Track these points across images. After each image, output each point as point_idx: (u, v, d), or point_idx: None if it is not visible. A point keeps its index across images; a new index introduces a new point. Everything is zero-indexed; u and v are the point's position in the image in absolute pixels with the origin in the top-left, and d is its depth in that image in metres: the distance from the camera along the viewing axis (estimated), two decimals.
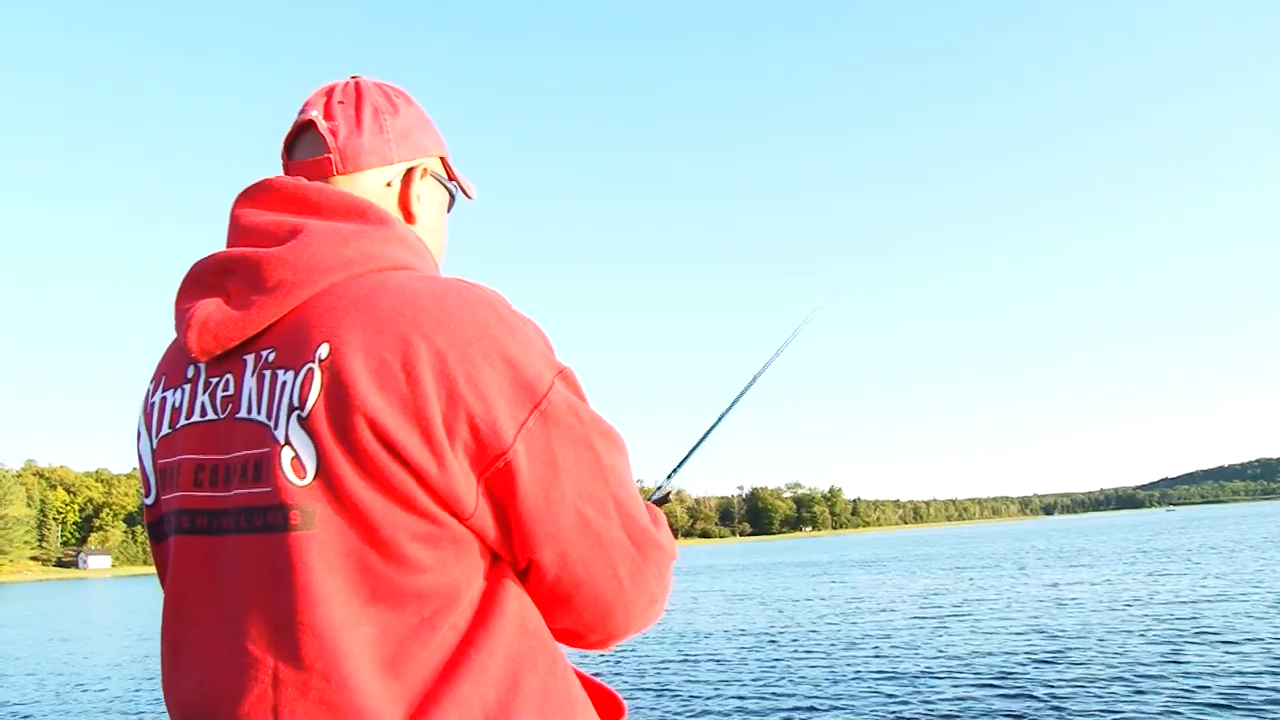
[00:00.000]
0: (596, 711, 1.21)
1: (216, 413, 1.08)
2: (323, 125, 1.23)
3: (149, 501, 1.17)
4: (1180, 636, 13.82)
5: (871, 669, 12.66)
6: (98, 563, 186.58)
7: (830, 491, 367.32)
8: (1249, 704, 9.09)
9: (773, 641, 16.84)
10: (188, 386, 1.13)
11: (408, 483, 0.97)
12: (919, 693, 10.68)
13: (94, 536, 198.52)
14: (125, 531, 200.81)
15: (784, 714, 10.10)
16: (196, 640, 1.06)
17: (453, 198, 1.40)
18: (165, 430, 1.14)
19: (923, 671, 12.17)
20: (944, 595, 25.07)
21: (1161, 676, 10.57)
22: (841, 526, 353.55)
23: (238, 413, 1.05)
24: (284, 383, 1.01)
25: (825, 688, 11.46)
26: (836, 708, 10.20)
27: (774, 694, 11.32)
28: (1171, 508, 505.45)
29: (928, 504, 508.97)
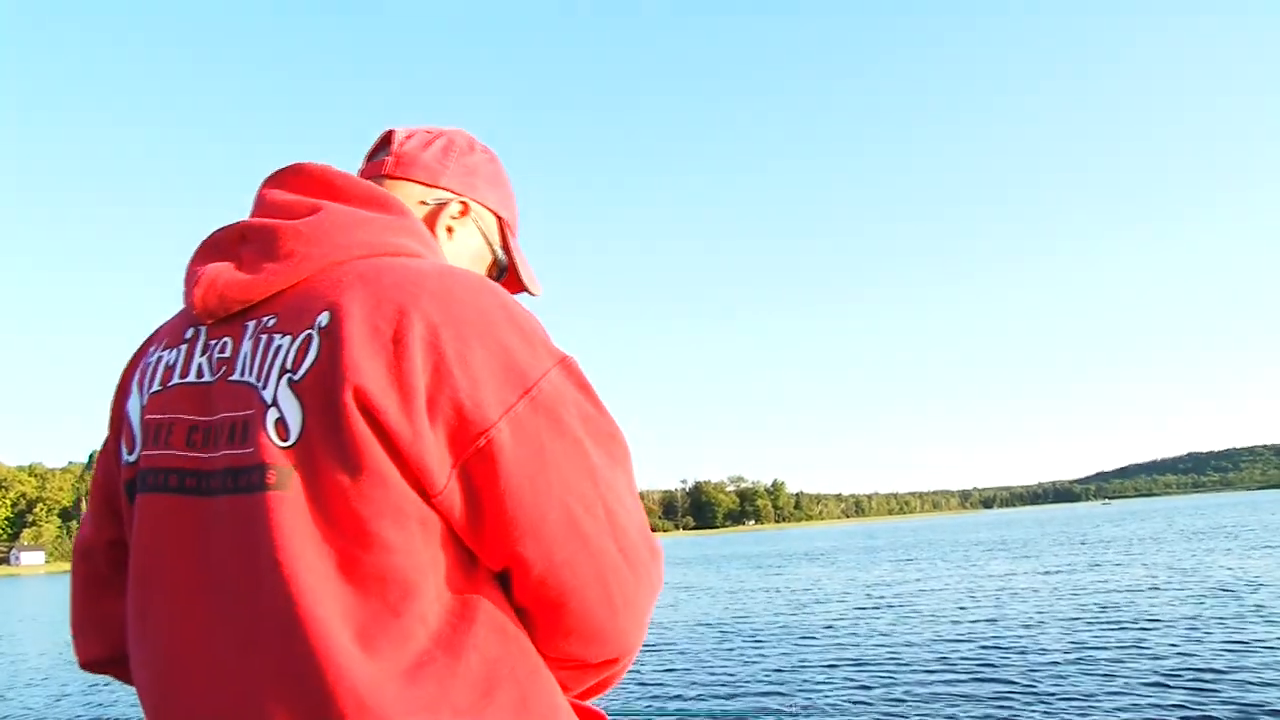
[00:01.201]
0: None
1: (211, 374, 1.07)
2: (399, 135, 1.29)
3: (130, 459, 1.12)
4: (1121, 622, 14.09)
5: (826, 658, 12.61)
6: (30, 559, 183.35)
7: (773, 485, 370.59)
8: (1184, 682, 9.32)
9: (726, 633, 16.74)
10: (184, 346, 1.12)
11: (381, 452, 0.94)
12: (880, 680, 10.62)
13: (27, 532, 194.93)
14: (60, 527, 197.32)
15: (747, 700, 9.99)
16: (169, 601, 1.03)
17: (497, 265, 1.38)
18: (156, 387, 1.12)
19: (886, 659, 12.13)
20: (898, 585, 25.27)
21: (1115, 661, 10.67)
22: (785, 520, 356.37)
23: (230, 375, 1.04)
24: (279, 346, 1.01)
25: (785, 676, 11.38)
26: (796, 693, 10.12)
27: (732, 683, 11.20)
28: (1107, 501, 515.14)
29: (869, 497, 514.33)
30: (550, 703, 1.05)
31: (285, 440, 0.97)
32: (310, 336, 0.98)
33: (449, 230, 1.29)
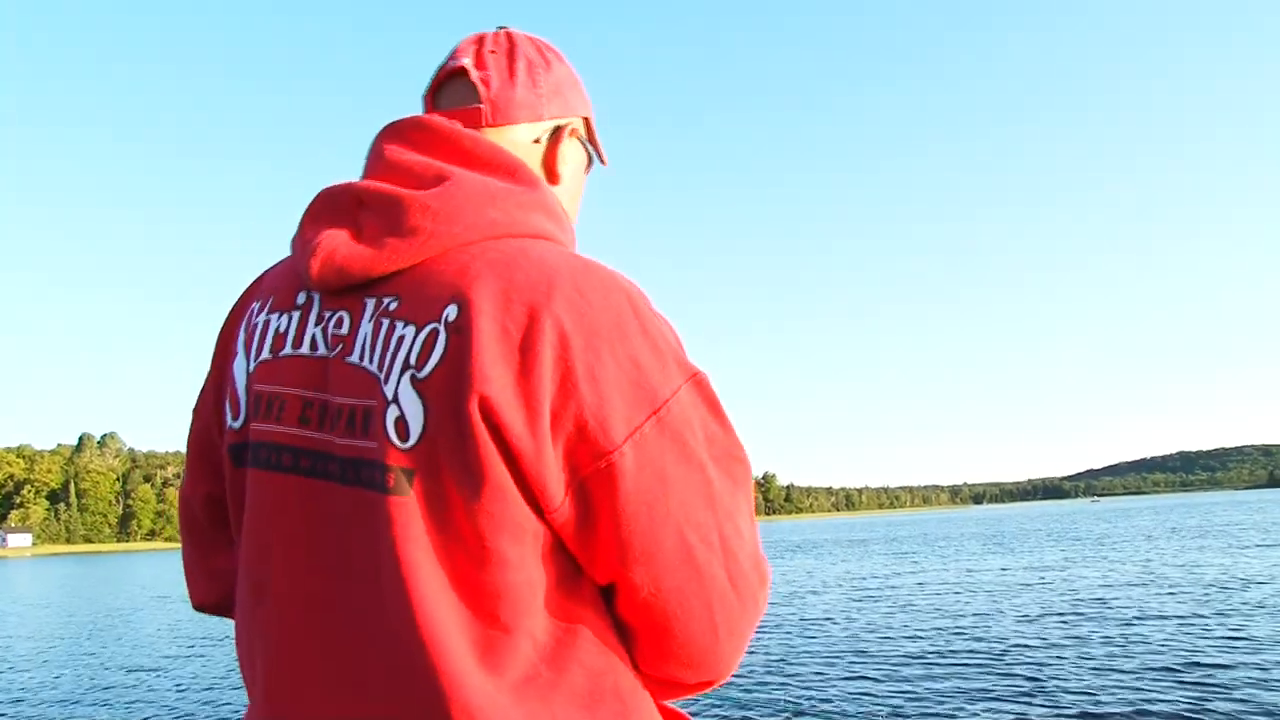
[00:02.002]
0: None
1: (327, 349, 1.03)
2: (475, 74, 1.17)
3: (236, 425, 1.10)
4: (1109, 617, 14.14)
5: (823, 649, 12.60)
6: (18, 541, 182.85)
7: (764, 477, 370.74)
8: (1173, 676, 9.30)
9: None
10: (297, 314, 1.08)
11: (501, 465, 0.91)
12: (877, 672, 10.61)
13: (14, 514, 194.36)
14: (48, 509, 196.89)
15: (743, 691, 9.96)
16: (287, 585, 1.02)
17: (591, 161, 1.34)
18: (266, 355, 1.09)
19: (881, 651, 12.13)
20: (892, 578, 25.26)
21: (1103, 654, 10.68)
22: (775, 512, 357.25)
23: (348, 355, 1.00)
24: (402, 336, 0.96)
25: (785, 668, 11.35)
26: (787, 684, 10.09)
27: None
28: (1096, 498, 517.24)
29: (860, 491, 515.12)
30: (649, 718, 1.04)
31: (405, 441, 0.93)
32: (436, 331, 0.94)
33: (564, 158, 1.23)
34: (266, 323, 1.11)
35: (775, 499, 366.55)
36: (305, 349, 1.05)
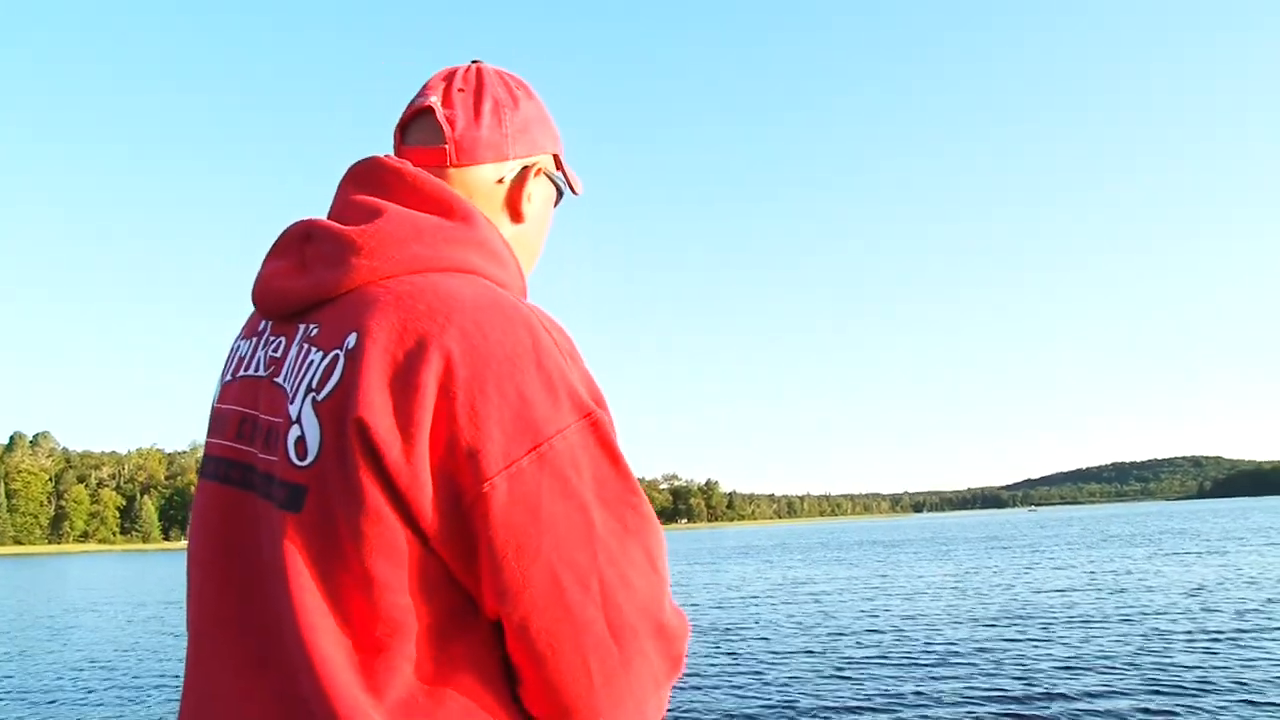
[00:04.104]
0: None
1: (264, 370, 1.09)
2: (441, 113, 1.19)
3: (207, 439, 1.18)
4: (1074, 617, 14.19)
5: (773, 651, 12.59)
6: None
7: (707, 484, 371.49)
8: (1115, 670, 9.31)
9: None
10: (255, 339, 1.14)
11: (379, 490, 0.93)
12: (833, 676, 10.60)
13: None
14: None
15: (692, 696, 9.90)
16: (203, 581, 1.08)
17: (561, 193, 1.36)
18: (229, 377, 1.17)
19: (862, 659, 12.12)
20: (837, 583, 25.32)
21: (1052, 654, 10.75)
22: (718, 519, 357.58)
23: (275, 376, 1.06)
24: (312, 361, 1.00)
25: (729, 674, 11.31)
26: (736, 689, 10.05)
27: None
28: (1033, 508, 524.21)
29: (801, 499, 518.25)
30: None
31: (303, 460, 0.96)
32: (338, 357, 0.97)
33: (529, 197, 1.26)
34: (236, 348, 1.18)
35: (718, 505, 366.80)
36: (251, 370, 1.12)
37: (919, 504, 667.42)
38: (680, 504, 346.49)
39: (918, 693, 10.03)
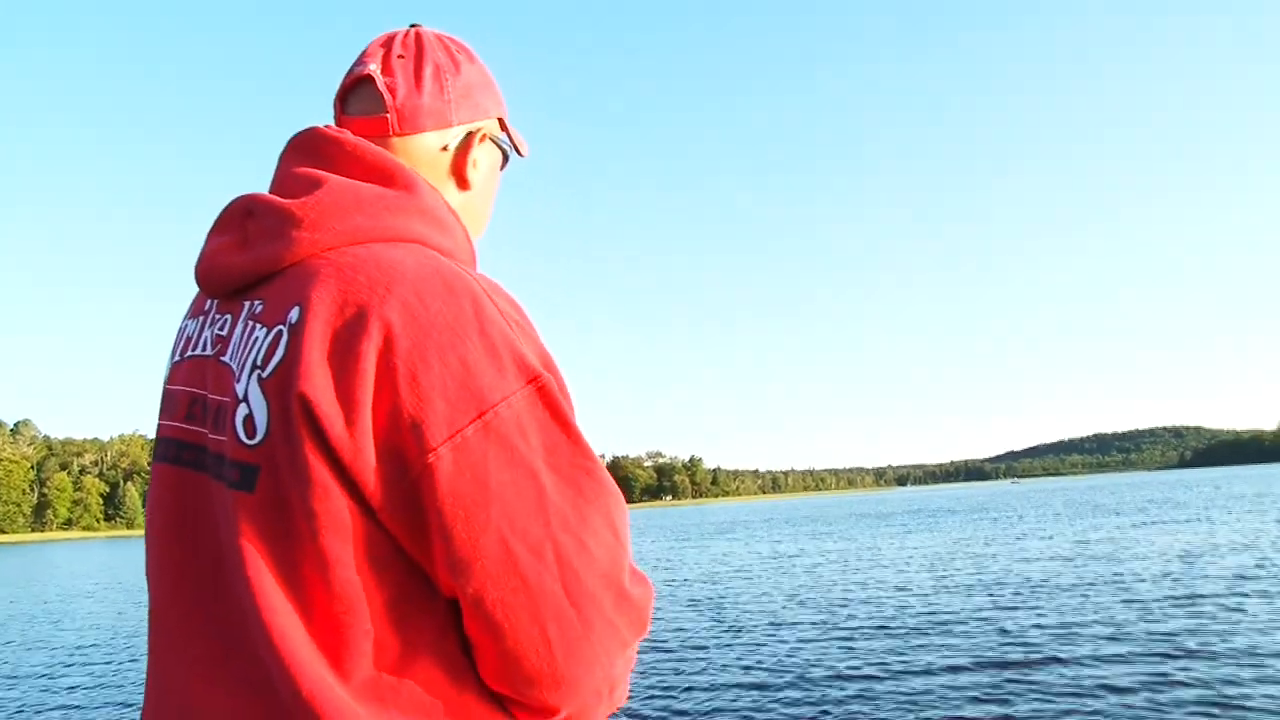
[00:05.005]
0: None
1: (211, 350, 1.07)
2: (381, 81, 1.16)
3: (158, 421, 1.16)
4: (1054, 591, 14.21)
5: (769, 626, 12.62)
6: None
7: (691, 461, 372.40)
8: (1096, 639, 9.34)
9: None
10: (202, 318, 1.12)
11: (324, 466, 0.91)
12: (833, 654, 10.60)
13: None
14: None
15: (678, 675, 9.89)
16: (160, 565, 1.06)
17: (506, 157, 1.33)
18: (177, 357, 1.14)
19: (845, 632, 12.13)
20: (826, 556, 25.38)
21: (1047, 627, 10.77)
22: (702, 496, 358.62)
23: (223, 355, 1.04)
24: (256, 338, 0.98)
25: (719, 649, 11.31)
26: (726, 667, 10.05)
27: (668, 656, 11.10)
28: (1016, 480, 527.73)
29: (786, 474, 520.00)
30: None
31: (252, 439, 0.95)
32: (281, 332, 0.96)
33: (474, 164, 1.23)
34: (184, 328, 1.16)
35: (702, 482, 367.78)
36: (199, 350, 1.09)
37: (902, 477, 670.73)
38: (664, 481, 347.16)
39: (914, 659, 10.04)
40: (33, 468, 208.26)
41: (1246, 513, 32.45)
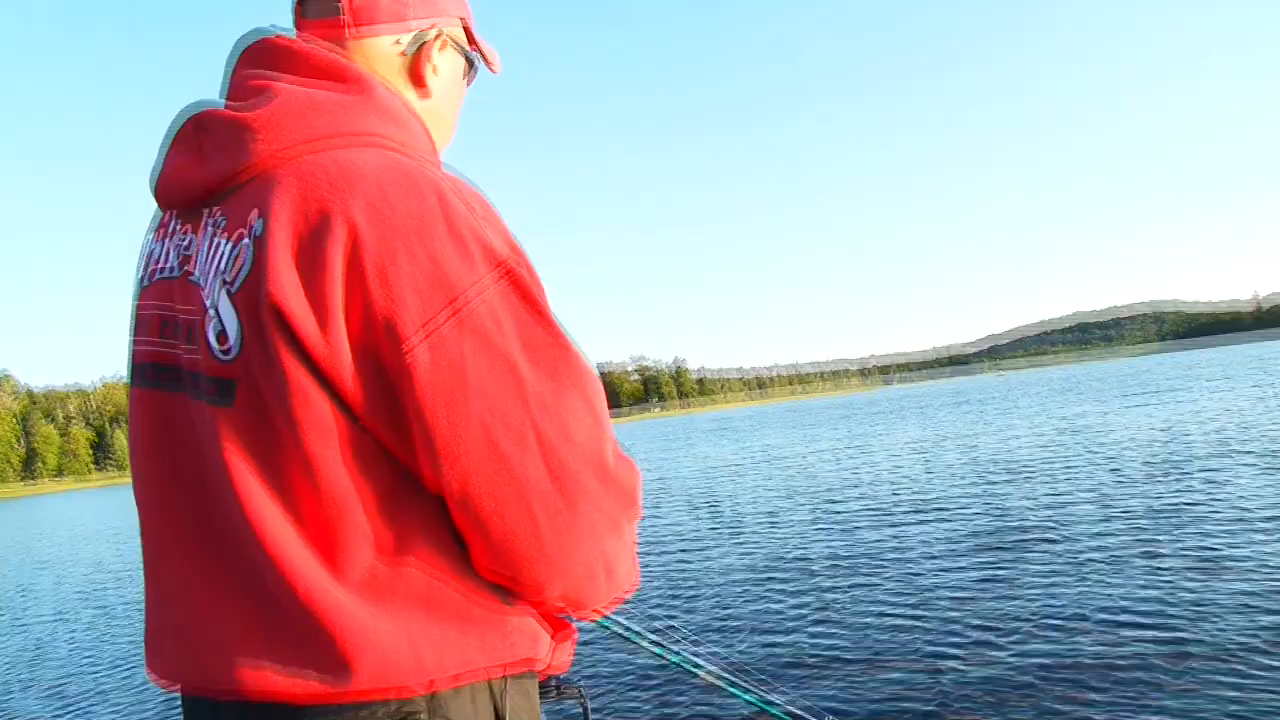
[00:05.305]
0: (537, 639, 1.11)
1: (177, 266, 1.06)
2: None
3: (129, 342, 1.15)
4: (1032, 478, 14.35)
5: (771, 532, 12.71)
6: None
7: (676, 369, 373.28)
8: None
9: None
10: (166, 239, 1.11)
11: (303, 370, 0.92)
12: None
13: None
14: None
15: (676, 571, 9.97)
16: (152, 497, 1.07)
17: (472, 66, 1.29)
18: (146, 280, 1.13)
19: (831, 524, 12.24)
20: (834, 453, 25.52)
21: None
22: (690, 403, 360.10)
23: (190, 273, 1.03)
24: (222, 252, 0.98)
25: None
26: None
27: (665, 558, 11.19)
28: (1001, 372, 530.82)
29: (771, 377, 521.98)
30: (493, 613, 1.04)
31: (227, 354, 0.95)
32: (246, 244, 0.95)
33: (434, 68, 1.20)
34: (150, 250, 1.14)
35: (689, 390, 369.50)
36: (166, 268, 1.08)
37: (886, 368, 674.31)
38: (651, 389, 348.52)
39: (911, 543, 10.14)
40: (17, 421, 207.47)
41: (1224, 391, 32.72)
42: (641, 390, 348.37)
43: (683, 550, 11.68)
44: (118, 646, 10.10)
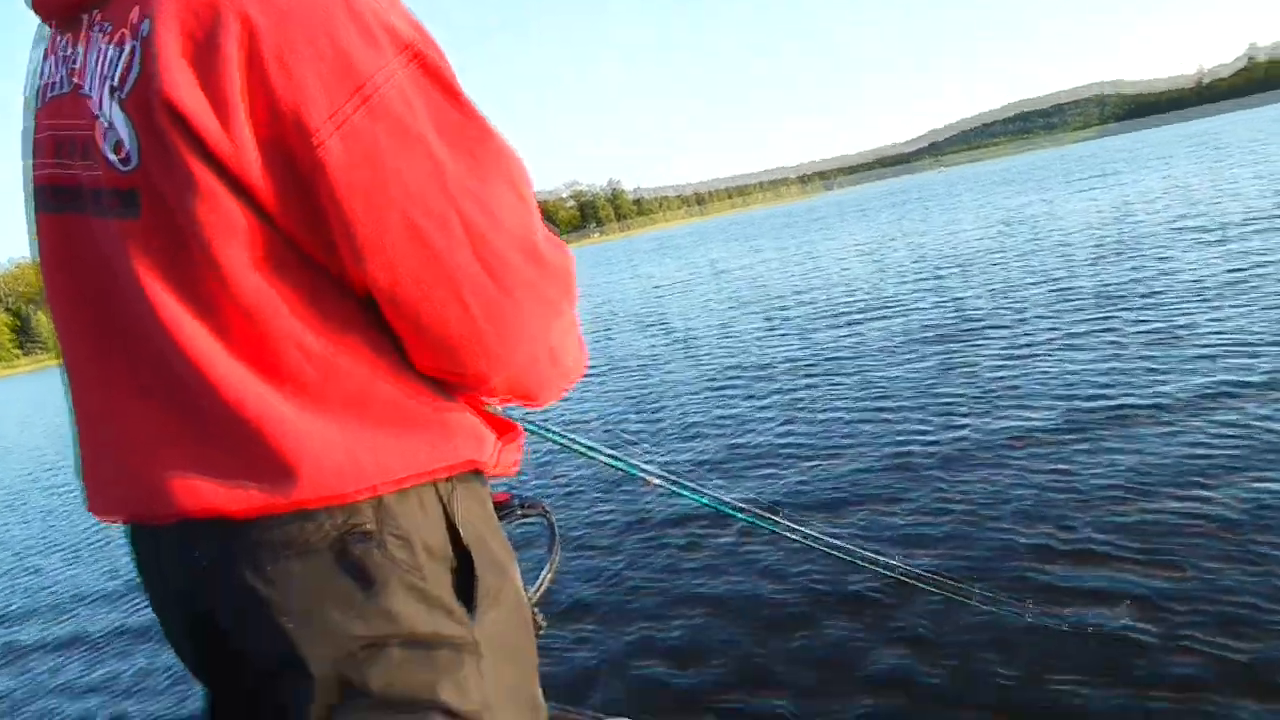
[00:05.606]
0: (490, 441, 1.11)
1: (65, 80, 1.01)
2: None
3: (25, 167, 1.10)
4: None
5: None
6: None
7: (613, 192, 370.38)
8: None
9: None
10: (54, 55, 1.05)
11: (208, 172, 0.88)
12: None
13: None
14: None
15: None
16: (65, 320, 1.05)
17: None
18: (37, 101, 1.08)
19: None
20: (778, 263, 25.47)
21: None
22: (628, 225, 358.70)
23: (81, 86, 0.98)
24: (110, 58, 0.93)
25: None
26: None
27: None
28: (942, 169, 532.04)
29: (710, 193, 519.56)
30: (433, 412, 1.03)
31: (126, 164, 0.92)
32: (133, 47, 0.90)
33: None
34: (38, 69, 1.09)
35: (627, 212, 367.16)
36: (58, 89, 1.03)
37: (826, 173, 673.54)
38: (588, 215, 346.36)
39: (869, 339, 10.13)
40: None
41: (1166, 172, 32.81)
42: (578, 217, 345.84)
43: (640, 368, 11.66)
44: (71, 533, 10.11)
